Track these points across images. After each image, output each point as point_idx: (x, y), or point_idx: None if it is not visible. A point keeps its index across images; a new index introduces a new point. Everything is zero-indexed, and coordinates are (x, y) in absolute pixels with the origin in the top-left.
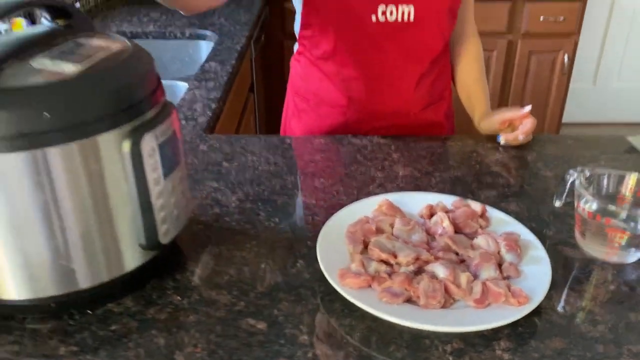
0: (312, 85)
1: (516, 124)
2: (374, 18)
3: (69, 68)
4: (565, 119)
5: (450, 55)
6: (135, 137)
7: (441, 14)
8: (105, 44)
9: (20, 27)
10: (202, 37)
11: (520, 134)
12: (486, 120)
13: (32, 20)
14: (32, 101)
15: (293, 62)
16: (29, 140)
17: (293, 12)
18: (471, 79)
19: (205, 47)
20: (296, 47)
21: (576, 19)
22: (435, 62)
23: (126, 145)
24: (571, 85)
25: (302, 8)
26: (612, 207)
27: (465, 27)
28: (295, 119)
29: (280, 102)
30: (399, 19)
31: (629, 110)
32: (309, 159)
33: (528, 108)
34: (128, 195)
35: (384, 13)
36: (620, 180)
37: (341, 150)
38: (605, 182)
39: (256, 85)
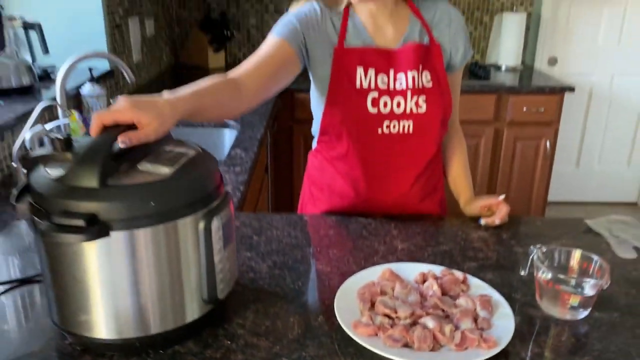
0: (326, 179)
1: (494, 209)
2: (380, 131)
3: (164, 170)
4: (552, 198)
5: (442, 149)
6: (207, 219)
7: (434, 126)
8: (184, 150)
9: (74, 119)
10: (226, 126)
11: (497, 219)
12: (470, 205)
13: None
14: (142, 195)
15: (311, 157)
16: (135, 222)
17: (301, 101)
18: (457, 172)
19: (228, 135)
20: (314, 145)
21: (555, 110)
22: (429, 163)
23: (201, 225)
24: (557, 167)
25: (322, 118)
26: (562, 276)
27: (452, 129)
28: (311, 204)
29: (287, 180)
30: (400, 131)
31: (610, 190)
32: (324, 234)
33: (502, 197)
34: (198, 261)
35: (388, 127)
36: (569, 255)
37: (350, 227)
38: (557, 256)
39: (269, 167)
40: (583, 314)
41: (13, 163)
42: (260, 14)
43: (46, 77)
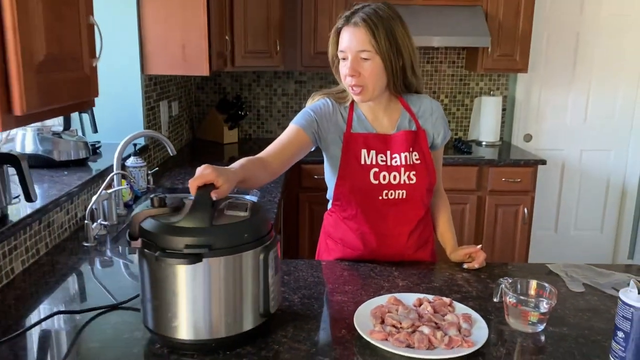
0: (339, 233)
1: (473, 256)
2: (380, 197)
3: (243, 214)
4: (532, 260)
5: (430, 208)
6: (266, 252)
7: (423, 192)
8: (243, 202)
9: (124, 183)
10: (246, 193)
11: (476, 264)
12: (454, 253)
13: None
14: (237, 230)
15: (326, 216)
16: (220, 252)
17: (307, 172)
18: (443, 228)
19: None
20: (329, 206)
21: (530, 180)
22: (420, 221)
23: (262, 256)
24: (536, 232)
25: (335, 188)
26: (524, 299)
27: (437, 193)
28: (326, 254)
29: (294, 236)
30: (396, 198)
31: (586, 254)
32: (339, 274)
33: (479, 246)
34: (258, 283)
35: (386, 194)
36: (528, 284)
37: (359, 270)
38: (519, 285)
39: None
40: (540, 327)
41: (86, 221)
42: (269, 97)
43: (94, 151)
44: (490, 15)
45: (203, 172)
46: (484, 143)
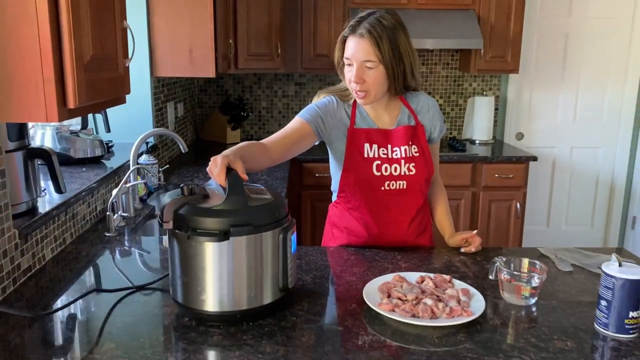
0: (344, 223)
1: (470, 240)
2: (382, 188)
3: (268, 197)
4: None
5: (429, 197)
6: (284, 232)
7: (421, 183)
8: (259, 188)
9: (139, 179)
10: None
11: (473, 247)
12: (452, 239)
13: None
14: (269, 209)
15: (332, 207)
16: (249, 230)
17: (308, 170)
18: (441, 215)
19: None
20: (334, 198)
21: (522, 176)
22: (419, 210)
23: (281, 236)
24: (529, 228)
25: (340, 180)
26: (517, 274)
27: (435, 183)
28: (332, 242)
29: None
30: (397, 188)
31: None
32: (347, 258)
33: (475, 231)
34: (278, 260)
35: (388, 185)
36: (520, 262)
37: (365, 255)
38: (512, 263)
39: None
40: (532, 301)
41: (108, 212)
42: (270, 99)
43: (107, 150)
44: (483, 19)
45: (218, 162)
46: (477, 141)
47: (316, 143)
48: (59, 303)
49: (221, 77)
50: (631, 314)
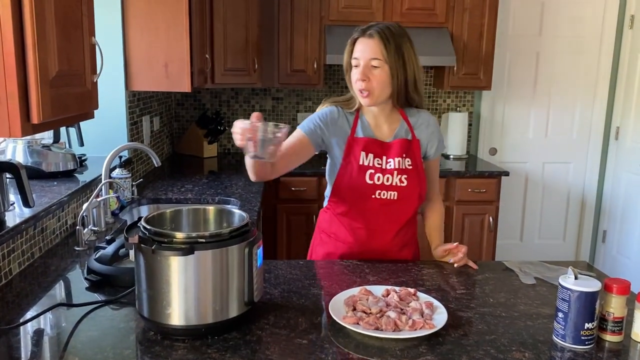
0: (333, 228)
1: (454, 251)
2: (373, 196)
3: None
4: None
5: (424, 210)
6: (251, 246)
7: (413, 197)
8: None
9: (111, 193)
10: (228, 202)
11: (460, 253)
12: (436, 250)
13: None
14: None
15: (322, 213)
16: (209, 245)
17: (284, 184)
18: (433, 225)
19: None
20: (325, 203)
21: (495, 191)
22: (408, 222)
23: (247, 250)
24: (502, 242)
25: (334, 184)
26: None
27: (435, 197)
28: (320, 247)
29: (270, 246)
30: (388, 198)
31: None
32: (315, 272)
33: (456, 243)
34: (243, 274)
35: (379, 194)
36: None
37: (334, 268)
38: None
39: None
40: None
41: (78, 226)
42: (247, 113)
43: (80, 163)
44: (456, 37)
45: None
46: (451, 156)
47: (315, 153)
48: (25, 318)
49: (198, 92)
50: (587, 325)
